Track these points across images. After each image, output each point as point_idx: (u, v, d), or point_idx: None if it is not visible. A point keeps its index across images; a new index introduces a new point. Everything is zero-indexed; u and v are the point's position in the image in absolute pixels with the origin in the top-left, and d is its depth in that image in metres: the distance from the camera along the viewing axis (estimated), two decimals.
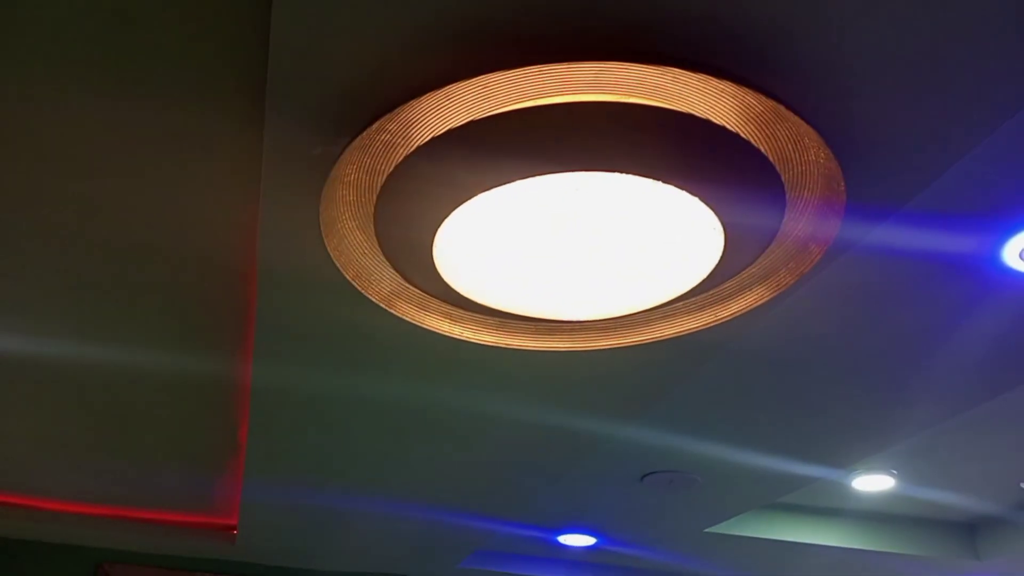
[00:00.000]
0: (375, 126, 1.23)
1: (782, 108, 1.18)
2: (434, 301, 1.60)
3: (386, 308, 1.62)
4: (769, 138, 1.24)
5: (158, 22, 1.39)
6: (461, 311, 1.63)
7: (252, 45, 1.39)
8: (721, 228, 1.34)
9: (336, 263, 1.52)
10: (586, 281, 1.43)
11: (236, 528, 3.66)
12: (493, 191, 1.27)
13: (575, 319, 1.57)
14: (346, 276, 1.55)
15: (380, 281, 1.56)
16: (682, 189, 1.26)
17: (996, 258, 1.65)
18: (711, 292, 1.56)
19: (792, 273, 1.51)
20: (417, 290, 1.57)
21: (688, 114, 1.19)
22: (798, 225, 1.41)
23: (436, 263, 1.43)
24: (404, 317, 1.64)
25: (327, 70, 1.23)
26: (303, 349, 2.07)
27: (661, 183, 1.25)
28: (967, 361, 2.04)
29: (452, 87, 1.17)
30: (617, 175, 1.23)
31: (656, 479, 2.89)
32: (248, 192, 1.71)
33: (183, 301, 2.16)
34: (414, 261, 1.45)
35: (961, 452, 3.19)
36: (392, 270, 1.52)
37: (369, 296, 1.59)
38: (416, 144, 1.25)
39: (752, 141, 1.24)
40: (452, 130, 1.21)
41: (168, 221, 1.86)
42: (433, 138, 1.23)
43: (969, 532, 3.94)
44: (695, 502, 3.16)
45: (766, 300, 1.57)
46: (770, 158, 1.27)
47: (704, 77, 1.14)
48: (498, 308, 1.54)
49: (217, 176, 1.72)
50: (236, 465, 3.14)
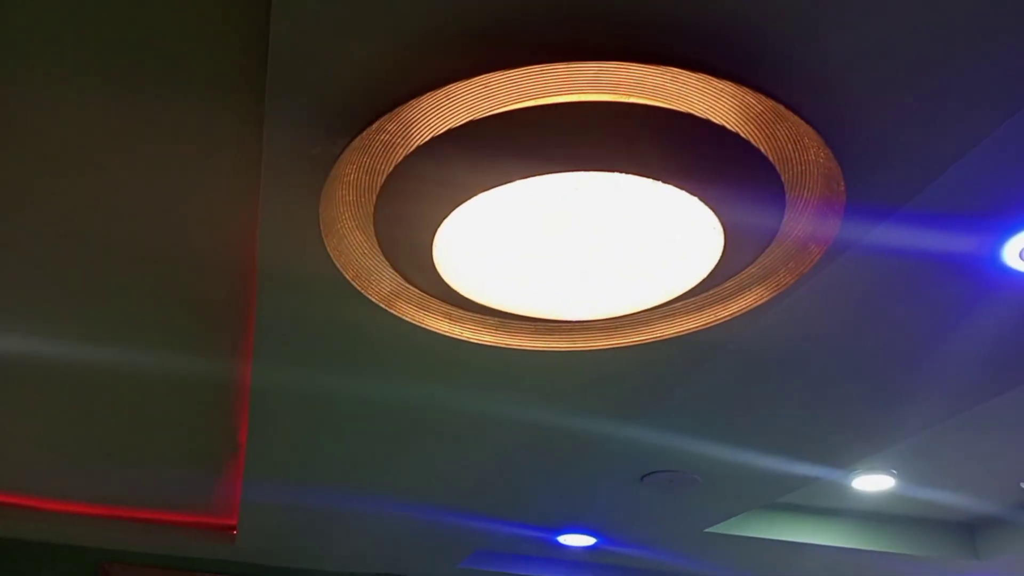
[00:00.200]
0: (375, 126, 1.23)
1: (782, 108, 1.18)
2: (434, 301, 1.60)
3: (386, 308, 1.62)
4: (769, 138, 1.24)
5: (158, 22, 1.39)
6: (461, 311, 1.63)
7: (252, 45, 1.39)
8: (721, 228, 1.34)
9: (336, 263, 1.52)
10: (586, 281, 1.43)
11: (236, 528, 3.66)
12: (493, 191, 1.27)
13: (575, 319, 1.57)
14: (346, 276, 1.55)
15: (380, 281, 1.56)
16: (682, 189, 1.26)
17: (996, 258, 1.65)
18: (711, 292, 1.56)
19: (792, 273, 1.51)
20: (417, 290, 1.57)
21: (688, 114, 1.19)
22: (798, 225, 1.41)
23: (436, 263, 1.43)
24: (404, 317, 1.64)
25: (327, 70, 1.23)
26: (303, 349, 2.07)
27: (661, 183, 1.25)
28: (967, 361, 2.04)
29: (452, 87, 1.17)
30: (617, 175, 1.23)
31: (656, 479, 2.89)
32: (248, 192, 1.71)
33: (183, 301, 2.16)
34: (414, 261, 1.45)
35: (961, 452, 3.19)
36: (392, 270, 1.52)
37: (369, 296, 1.59)
38: (416, 144, 1.25)
39: (752, 141, 1.24)
40: (452, 130, 1.21)
41: (168, 221, 1.86)
42: (433, 138, 1.23)
43: (969, 532, 3.94)
44: (695, 502, 3.16)
45: (766, 300, 1.57)
46: (770, 158, 1.27)
47: (704, 77, 1.14)
48: (498, 308, 1.54)
49: (217, 176, 1.72)
50: (236, 465, 3.14)
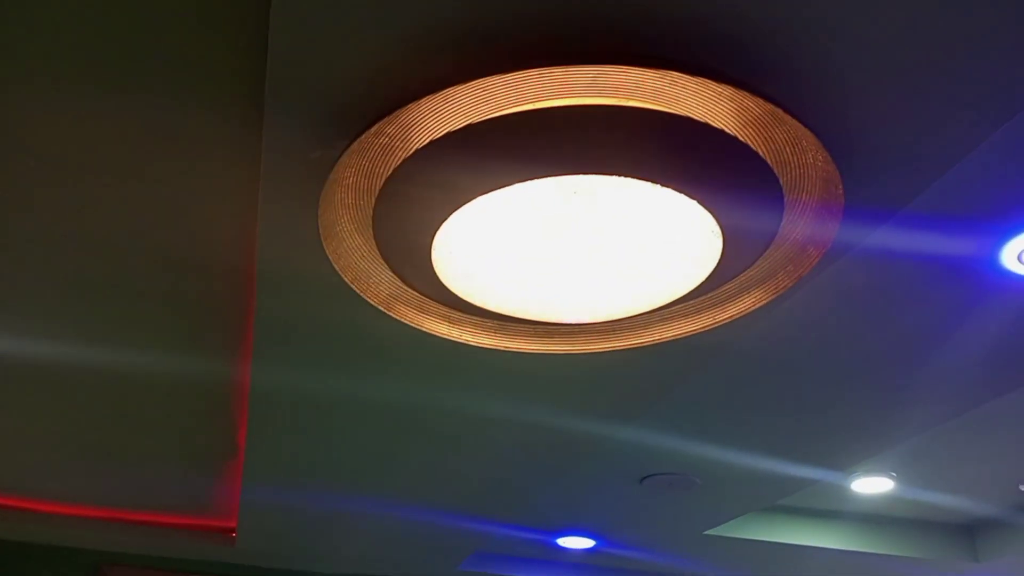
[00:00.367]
0: (373, 129, 1.23)
1: (780, 111, 1.18)
2: (433, 304, 1.60)
3: (385, 311, 1.62)
4: (767, 141, 1.24)
5: (158, 26, 1.39)
6: (460, 314, 1.63)
7: (251, 48, 1.40)
8: (720, 231, 1.34)
9: (335, 266, 1.52)
10: (585, 284, 1.43)
11: (235, 530, 3.65)
12: (491, 194, 1.27)
13: (574, 322, 1.57)
14: (345, 279, 1.55)
15: (379, 284, 1.56)
16: (680, 192, 1.26)
17: (994, 260, 1.65)
18: (710, 295, 1.56)
19: (791, 276, 1.51)
20: (416, 293, 1.57)
21: (686, 117, 1.19)
22: (796, 228, 1.41)
23: (435, 266, 1.43)
24: (403, 320, 1.64)
25: (326, 74, 1.23)
26: (302, 352, 2.07)
27: (659, 186, 1.25)
28: (966, 363, 2.04)
29: (450, 91, 1.17)
30: (615, 178, 1.23)
31: (655, 481, 2.89)
32: (247, 195, 1.71)
33: (182, 303, 2.16)
34: (413, 264, 1.45)
35: (960, 454, 3.19)
36: (391, 273, 1.52)
37: (368, 299, 1.59)
38: (414, 147, 1.25)
39: (750, 144, 1.24)
40: (450, 133, 1.21)
41: (167, 224, 1.86)
42: (431, 141, 1.23)
43: (968, 534, 3.94)
44: (694, 504, 3.16)
45: (765, 303, 1.57)
46: (768, 161, 1.27)
47: (702, 80, 1.14)
48: (497, 311, 1.54)
49: (216, 179, 1.72)
50: (235, 467, 3.13)
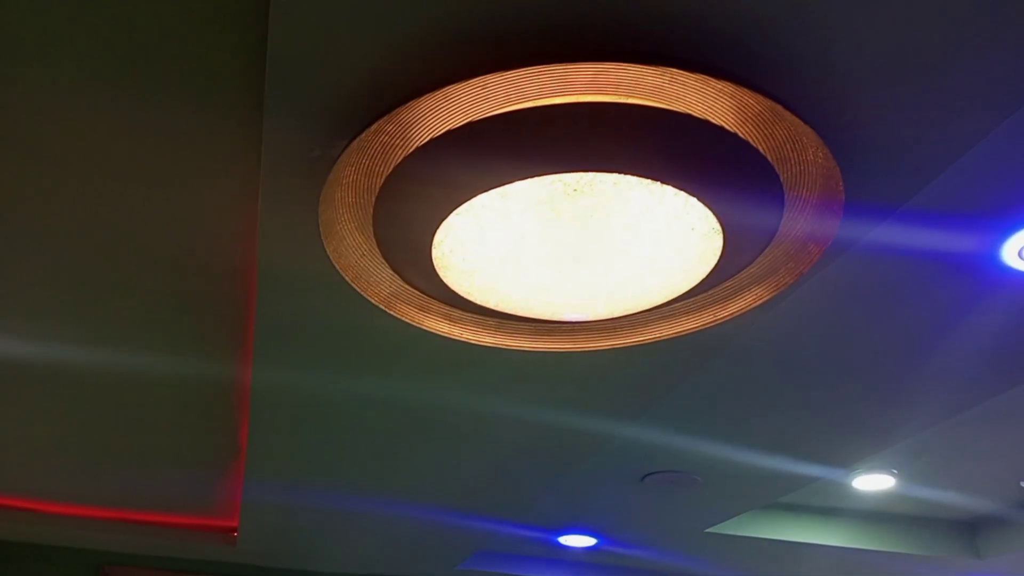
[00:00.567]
0: (373, 128, 1.23)
1: (780, 108, 1.18)
2: (433, 302, 1.60)
3: (385, 309, 1.62)
4: (767, 138, 1.24)
5: (157, 24, 1.39)
6: (460, 312, 1.63)
7: (251, 47, 1.40)
8: (720, 228, 1.34)
9: (335, 264, 1.52)
10: (585, 282, 1.43)
11: (237, 530, 3.66)
12: (492, 192, 1.27)
13: (575, 320, 1.57)
14: (345, 277, 1.55)
15: (379, 282, 1.56)
16: (681, 189, 1.26)
17: (995, 257, 1.65)
18: (710, 292, 1.56)
19: (791, 273, 1.51)
20: (416, 291, 1.57)
21: (686, 114, 1.19)
22: (797, 225, 1.41)
23: (435, 264, 1.43)
24: (403, 318, 1.64)
25: (325, 72, 1.23)
26: (303, 351, 2.07)
27: (659, 183, 1.25)
28: (967, 360, 2.04)
29: (450, 88, 1.17)
30: (615, 175, 1.23)
31: (657, 479, 2.89)
32: (247, 194, 1.72)
33: (183, 303, 2.16)
34: (413, 262, 1.45)
35: (961, 451, 3.19)
36: (391, 271, 1.52)
37: (368, 297, 1.59)
38: (415, 145, 1.25)
39: (750, 141, 1.24)
40: (450, 131, 1.21)
41: (167, 223, 1.86)
42: (431, 139, 1.23)
43: (970, 531, 3.94)
44: (696, 502, 3.16)
45: (765, 300, 1.57)
46: (768, 158, 1.27)
47: (702, 77, 1.14)
48: (497, 309, 1.53)
49: (216, 178, 1.72)
50: (236, 467, 3.14)
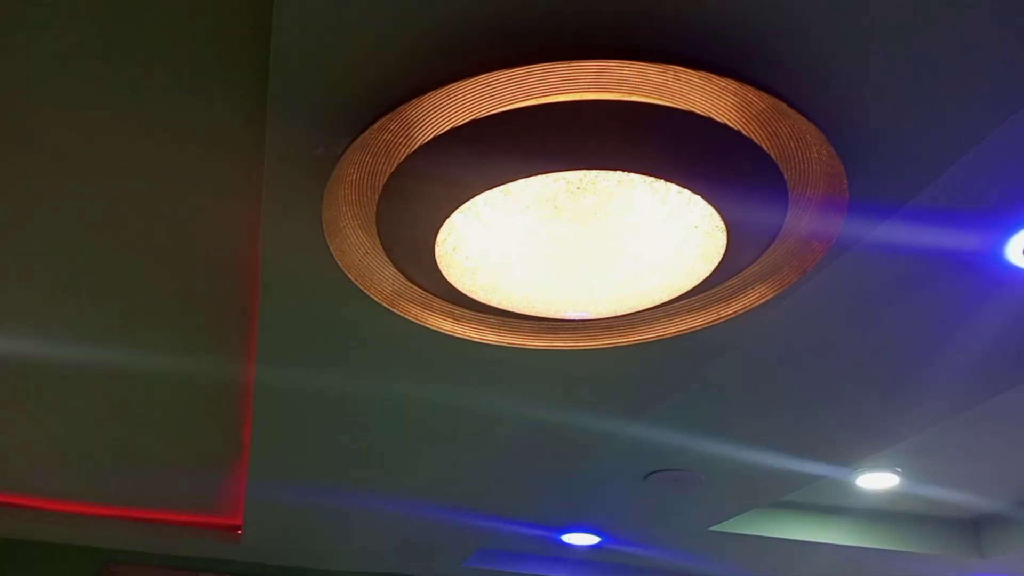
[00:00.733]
0: (377, 125, 1.23)
1: (784, 105, 1.18)
2: (436, 300, 1.60)
3: (389, 308, 1.62)
4: (771, 136, 1.24)
5: (160, 21, 1.39)
6: (464, 310, 1.63)
7: (254, 45, 1.40)
8: (723, 226, 1.34)
9: (338, 263, 1.52)
10: (588, 280, 1.43)
11: (241, 528, 3.66)
12: (495, 190, 1.27)
13: (578, 318, 1.57)
14: (348, 276, 1.55)
15: (382, 281, 1.56)
16: (684, 187, 1.26)
17: (999, 255, 1.65)
18: (714, 290, 1.56)
19: (795, 271, 1.51)
20: (419, 289, 1.57)
21: (689, 112, 1.19)
22: (801, 223, 1.41)
23: (438, 262, 1.43)
24: (407, 317, 1.64)
25: (329, 70, 1.23)
26: (306, 349, 2.07)
27: (663, 181, 1.25)
28: (971, 358, 2.04)
29: (454, 86, 1.17)
30: (619, 173, 1.23)
31: (660, 478, 2.89)
32: (250, 192, 1.72)
33: (186, 301, 2.17)
34: (416, 260, 1.45)
35: (965, 450, 3.18)
36: (394, 270, 1.52)
37: (371, 296, 1.59)
38: (418, 143, 1.25)
39: (754, 139, 1.24)
40: (454, 129, 1.21)
41: (170, 221, 1.86)
42: (435, 137, 1.23)
43: (974, 530, 3.93)
44: (699, 500, 3.15)
45: (769, 298, 1.57)
46: (772, 156, 1.27)
47: (705, 75, 1.14)
48: (500, 307, 1.53)
49: (219, 176, 1.72)
50: (240, 465, 3.14)
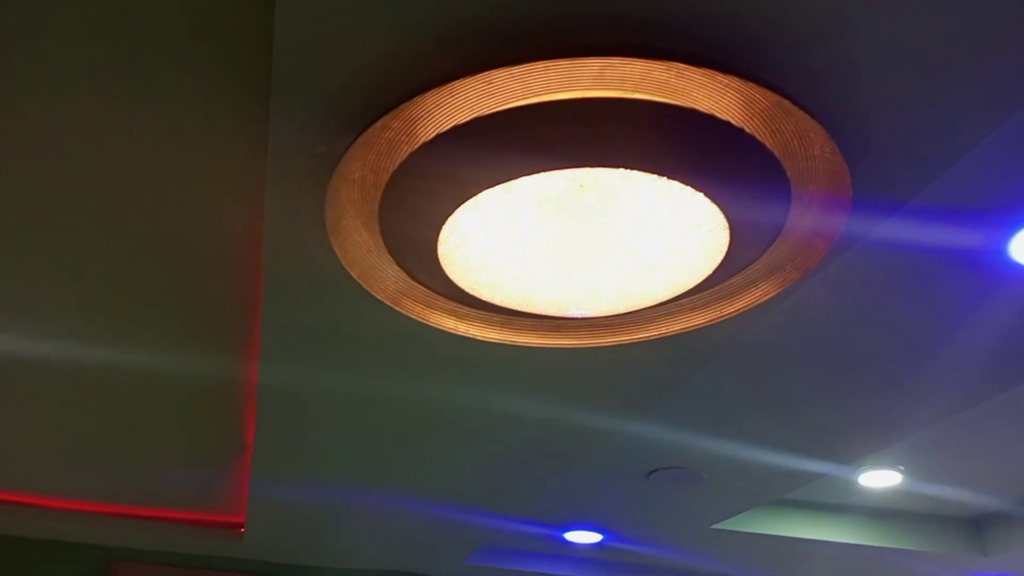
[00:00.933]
0: (380, 123, 1.23)
1: (787, 103, 1.18)
2: (439, 299, 1.60)
3: (391, 306, 1.62)
4: (774, 133, 1.24)
5: (162, 21, 1.39)
6: (467, 308, 1.63)
7: (256, 43, 1.40)
8: (726, 223, 1.33)
9: (341, 261, 1.52)
10: (591, 277, 1.43)
11: (244, 526, 3.67)
12: (498, 187, 1.27)
13: (580, 316, 1.57)
14: (351, 274, 1.55)
15: (385, 279, 1.56)
16: (687, 184, 1.26)
17: (1003, 253, 1.65)
18: (717, 288, 1.56)
19: (798, 268, 1.51)
20: (422, 288, 1.57)
21: (692, 109, 1.19)
22: (804, 220, 1.41)
23: (441, 260, 1.43)
24: (410, 315, 1.64)
25: (331, 68, 1.23)
26: (309, 347, 2.07)
27: (666, 178, 1.25)
28: (974, 356, 2.04)
29: (457, 84, 1.17)
30: (621, 171, 1.23)
31: (662, 475, 2.89)
32: (253, 191, 1.72)
33: (189, 300, 2.17)
34: (419, 258, 1.45)
35: (968, 448, 3.18)
36: (397, 268, 1.52)
37: (374, 294, 1.59)
38: (421, 141, 1.25)
39: (757, 136, 1.24)
40: (457, 127, 1.21)
41: (173, 220, 1.86)
42: (438, 135, 1.23)
43: (976, 528, 3.93)
44: (701, 498, 3.15)
45: (772, 296, 1.57)
46: (775, 153, 1.26)
47: (708, 72, 1.14)
48: (503, 305, 1.53)
49: (222, 175, 1.72)
50: (243, 463, 3.15)
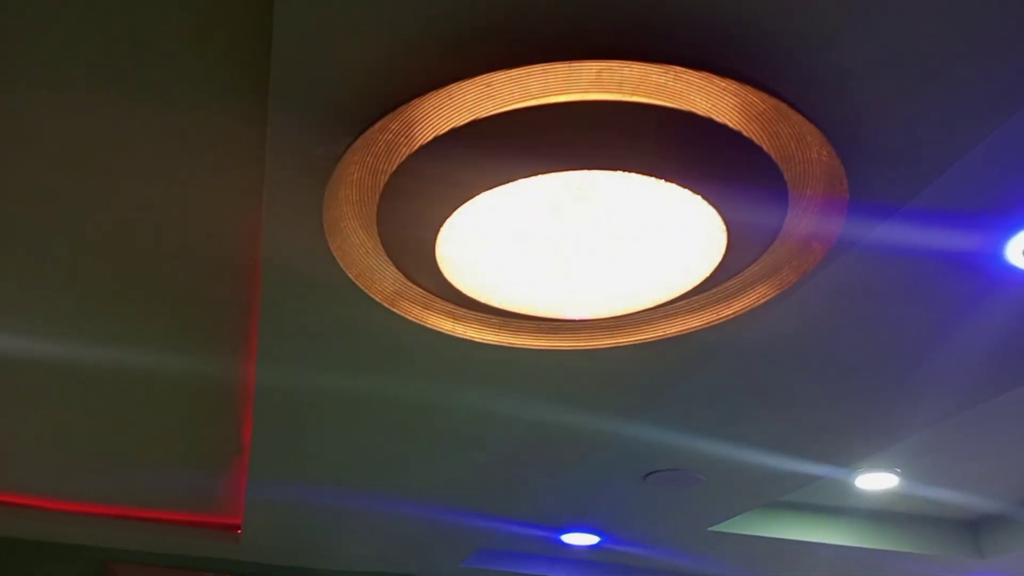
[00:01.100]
0: (378, 125, 1.23)
1: (784, 106, 1.18)
2: (437, 300, 1.60)
3: (389, 307, 1.62)
4: (771, 136, 1.24)
5: (161, 22, 1.39)
6: (464, 310, 1.63)
7: (255, 45, 1.40)
8: (724, 226, 1.34)
9: (339, 262, 1.52)
10: (589, 280, 1.43)
11: (241, 527, 3.66)
12: (495, 190, 1.27)
13: (578, 318, 1.57)
14: (349, 275, 1.55)
15: (383, 280, 1.56)
16: (684, 187, 1.26)
17: (999, 256, 1.65)
18: (714, 290, 1.56)
19: (795, 271, 1.51)
20: (420, 289, 1.57)
21: (690, 112, 1.19)
22: (801, 223, 1.41)
23: (439, 262, 1.43)
24: (407, 316, 1.64)
25: (330, 70, 1.23)
26: (306, 348, 2.07)
27: (663, 181, 1.25)
28: (970, 359, 2.04)
29: (455, 86, 1.17)
30: (619, 173, 1.24)
31: (659, 477, 2.89)
32: (251, 192, 1.72)
33: (187, 301, 2.17)
34: (417, 260, 1.45)
35: (965, 450, 3.18)
36: (395, 269, 1.52)
37: (372, 295, 1.59)
38: (419, 143, 1.25)
39: (754, 139, 1.24)
40: (455, 129, 1.21)
41: (171, 221, 1.86)
42: (436, 137, 1.23)
43: (973, 530, 3.93)
44: (698, 500, 3.16)
45: (769, 298, 1.57)
46: (772, 156, 1.27)
47: (706, 75, 1.14)
48: (501, 307, 1.54)
49: (220, 176, 1.72)
50: (240, 465, 3.14)
